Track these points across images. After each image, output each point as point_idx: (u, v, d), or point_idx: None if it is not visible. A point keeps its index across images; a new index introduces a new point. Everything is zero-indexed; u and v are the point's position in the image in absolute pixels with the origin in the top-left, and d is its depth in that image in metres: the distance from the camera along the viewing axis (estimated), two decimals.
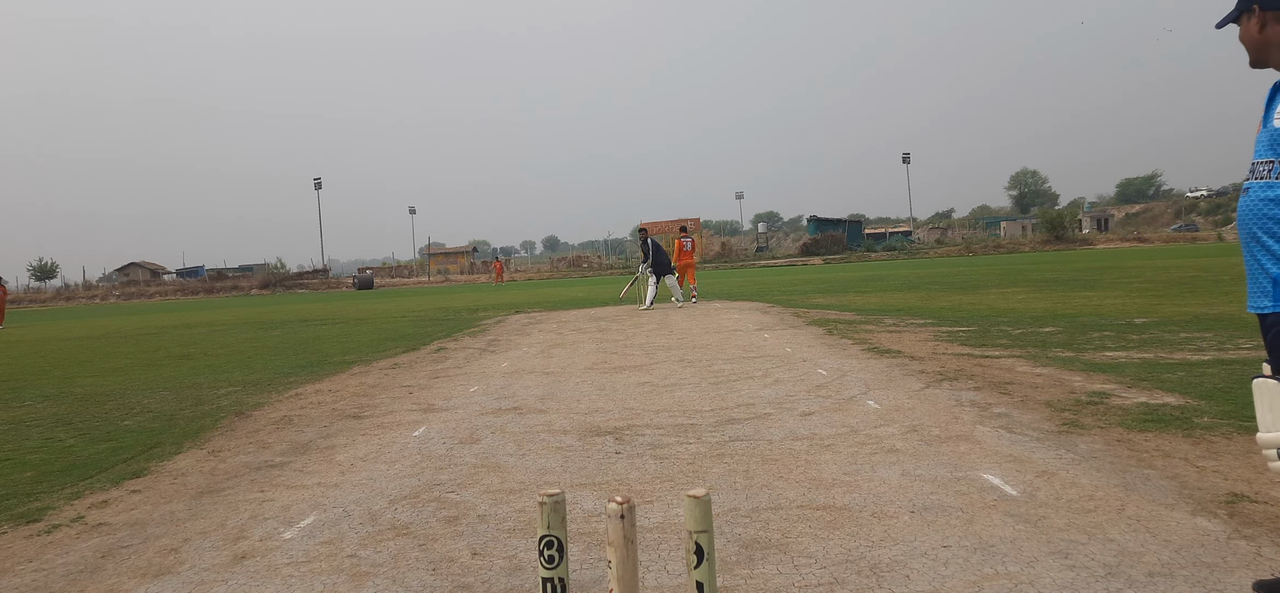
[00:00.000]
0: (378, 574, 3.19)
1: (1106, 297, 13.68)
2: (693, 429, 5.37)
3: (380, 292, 49.19)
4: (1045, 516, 3.43)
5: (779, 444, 4.85)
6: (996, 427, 4.99)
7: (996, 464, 4.20)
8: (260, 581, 3.19)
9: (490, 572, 3.17)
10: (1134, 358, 7.01)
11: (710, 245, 69.18)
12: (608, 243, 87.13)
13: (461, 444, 5.32)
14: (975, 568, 2.95)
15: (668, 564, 3.14)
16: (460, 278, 66.52)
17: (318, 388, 8.22)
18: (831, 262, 52.20)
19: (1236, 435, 4.47)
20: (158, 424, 6.64)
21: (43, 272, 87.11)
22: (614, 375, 7.95)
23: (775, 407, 5.95)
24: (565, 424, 5.76)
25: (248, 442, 5.81)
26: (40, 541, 3.84)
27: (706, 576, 2.16)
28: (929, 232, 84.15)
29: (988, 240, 65.33)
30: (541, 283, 46.57)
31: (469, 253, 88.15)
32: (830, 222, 71.19)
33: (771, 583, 2.93)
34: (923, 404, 5.76)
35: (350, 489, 4.39)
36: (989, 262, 37.08)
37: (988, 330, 9.99)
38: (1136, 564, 2.90)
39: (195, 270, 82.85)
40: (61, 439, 6.23)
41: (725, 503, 3.80)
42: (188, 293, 63.96)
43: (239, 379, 9.26)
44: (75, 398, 8.45)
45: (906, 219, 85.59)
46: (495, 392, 7.34)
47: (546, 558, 2.25)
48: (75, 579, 3.32)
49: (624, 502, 2.18)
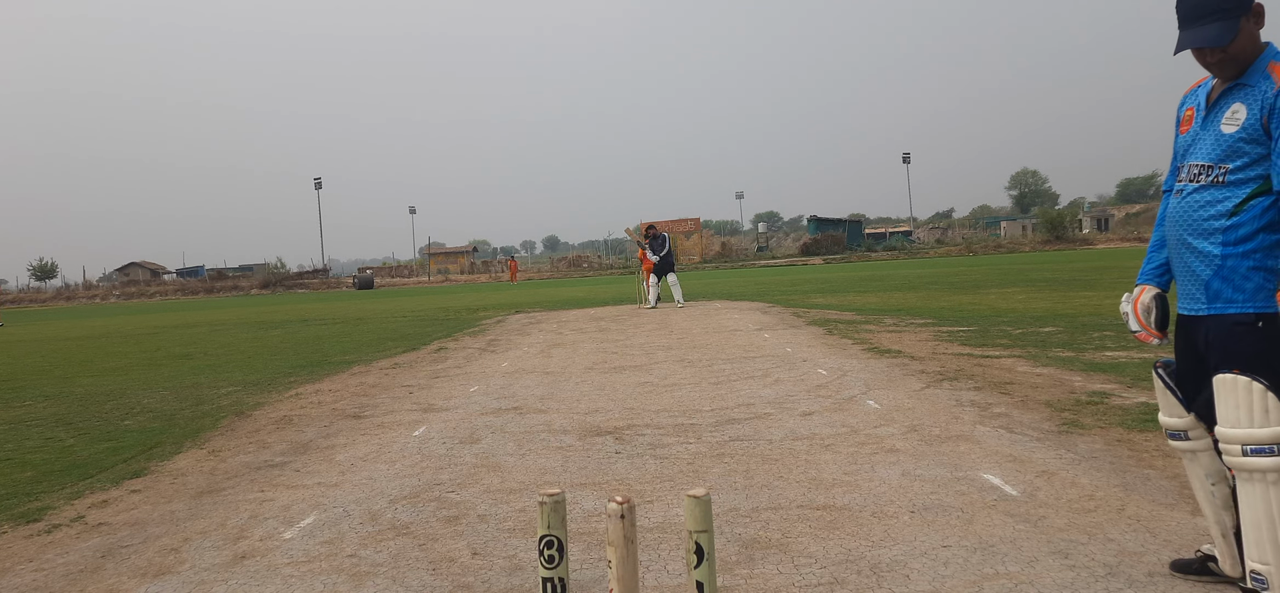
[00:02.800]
0: (378, 574, 3.20)
1: (1106, 297, 13.68)
2: (693, 429, 5.37)
3: (380, 291, 49.18)
4: (1045, 516, 3.43)
5: (779, 444, 4.85)
6: (996, 427, 4.99)
7: (996, 464, 4.20)
8: (260, 581, 3.19)
9: (490, 572, 3.17)
10: (1134, 358, 7.00)
11: (710, 245, 69.16)
12: (608, 243, 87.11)
13: (461, 444, 5.32)
14: (975, 568, 2.95)
15: (668, 564, 3.14)
16: (460, 278, 66.48)
17: (318, 388, 8.22)
18: (831, 262, 52.18)
19: None
20: (158, 424, 6.64)
21: (43, 271, 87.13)
22: (614, 375, 7.95)
23: (775, 407, 5.95)
24: (565, 424, 5.76)
25: (248, 442, 5.81)
26: (40, 541, 3.84)
27: (706, 576, 2.16)
28: (929, 231, 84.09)
29: (988, 240, 65.29)
30: (542, 283, 46.56)
31: (469, 253, 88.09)
32: (830, 221, 71.13)
33: (771, 583, 2.93)
34: (923, 404, 5.76)
35: (350, 489, 4.39)
36: (989, 261, 37.08)
37: (988, 330, 9.99)
38: (1136, 564, 2.90)
39: (195, 270, 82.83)
40: (61, 439, 6.23)
41: (725, 503, 3.80)
42: (188, 293, 63.93)
43: (239, 379, 9.26)
44: (75, 398, 8.45)
45: (906, 219, 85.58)
46: (495, 392, 7.34)
47: (546, 558, 2.25)
48: (75, 579, 3.32)
49: (624, 502, 2.18)
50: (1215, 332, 2.53)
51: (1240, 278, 2.47)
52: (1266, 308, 2.45)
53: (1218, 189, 2.50)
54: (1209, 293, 2.54)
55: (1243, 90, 2.48)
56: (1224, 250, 2.49)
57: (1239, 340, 2.48)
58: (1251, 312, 2.47)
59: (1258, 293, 2.46)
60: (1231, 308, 2.49)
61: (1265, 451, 2.40)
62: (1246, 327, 2.47)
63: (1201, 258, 2.54)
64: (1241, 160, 2.46)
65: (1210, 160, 2.52)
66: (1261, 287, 2.45)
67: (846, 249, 61.92)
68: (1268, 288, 2.45)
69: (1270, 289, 2.45)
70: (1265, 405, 2.40)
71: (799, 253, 63.24)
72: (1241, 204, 2.46)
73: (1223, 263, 2.50)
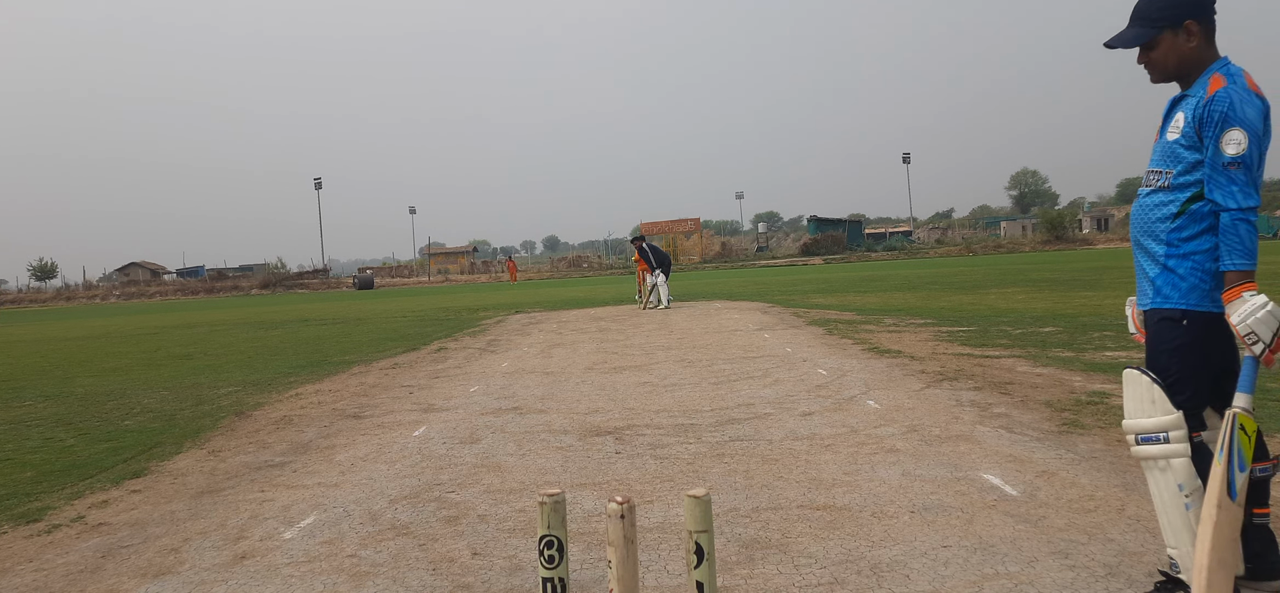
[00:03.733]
0: (378, 574, 3.20)
1: (1106, 297, 13.67)
2: (693, 429, 5.37)
3: (380, 292, 49.17)
4: (1045, 516, 3.43)
5: (779, 444, 4.85)
6: (996, 427, 4.99)
7: (996, 464, 4.20)
8: (260, 581, 3.20)
9: (490, 572, 3.17)
10: (1134, 358, 6.97)
11: (710, 245, 69.16)
12: (608, 243, 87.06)
13: (462, 444, 5.32)
14: (975, 568, 2.95)
15: (668, 564, 3.14)
16: (460, 278, 66.47)
17: (318, 388, 8.22)
18: (831, 262, 52.17)
19: None
20: (158, 424, 6.64)
21: (43, 272, 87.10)
22: (614, 375, 7.95)
23: (775, 407, 5.95)
24: (565, 424, 5.76)
25: (248, 442, 5.81)
26: (40, 541, 3.84)
27: (706, 576, 2.16)
28: (929, 231, 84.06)
29: (988, 240, 65.28)
30: (542, 283, 46.55)
31: (469, 253, 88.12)
32: (830, 222, 71.12)
33: (771, 583, 2.93)
34: (923, 404, 5.76)
35: (350, 489, 4.39)
36: (989, 262, 37.07)
37: (988, 330, 9.99)
38: (1136, 564, 2.91)
39: (195, 270, 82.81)
40: (61, 439, 6.23)
41: (725, 503, 3.80)
42: (188, 293, 63.91)
43: (239, 379, 9.26)
44: (75, 398, 8.45)
45: (906, 219, 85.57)
46: (495, 392, 7.34)
47: (546, 558, 2.25)
48: (75, 579, 3.32)
49: (624, 502, 2.18)
50: (1149, 326, 2.70)
51: (1179, 278, 2.58)
52: (1198, 307, 2.55)
53: (1164, 193, 2.63)
54: (1154, 290, 2.66)
55: (1187, 100, 2.62)
56: (1167, 251, 2.61)
57: (1161, 336, 2.63)
58: (1180, 308, 2.58)
59: (1191, 292, 2.56)
60: (1166, 305, 2.61)
61: (1151, 439, 2.56)
62: (1171, 323, 2.60)
63: (1150, 258, 2.67)
64: (1181, 166, 2.59)
65: (1158, 166, 2.67)
66: (1196, 287, 2.55)
67: (846, 249, 61.90)
68: (1202, 289, 2.55)
69: (1204, 290, 2.54)
70: (1152, 397, 2.56)
71: (799, 253, 63.23)
72: (1182, 208, 2.58)
73: (1166, 263, 2.61)
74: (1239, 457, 2.40)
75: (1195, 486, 2.49)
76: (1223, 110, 2.46)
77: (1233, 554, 2.39)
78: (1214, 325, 2.52)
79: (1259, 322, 2.37)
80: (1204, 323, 2.54)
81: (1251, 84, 2.50)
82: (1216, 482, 2.41)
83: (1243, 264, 2.43)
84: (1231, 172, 2.44)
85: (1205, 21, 2.59)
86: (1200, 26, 2.58)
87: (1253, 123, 2.44)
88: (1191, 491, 2.49)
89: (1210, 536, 2.38)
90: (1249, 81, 2.51)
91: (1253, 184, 2.44)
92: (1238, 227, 2.43)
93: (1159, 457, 2.55)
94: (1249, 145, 2.43)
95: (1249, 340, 2.39)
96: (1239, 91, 2.47)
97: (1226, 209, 2.45)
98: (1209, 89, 2.52)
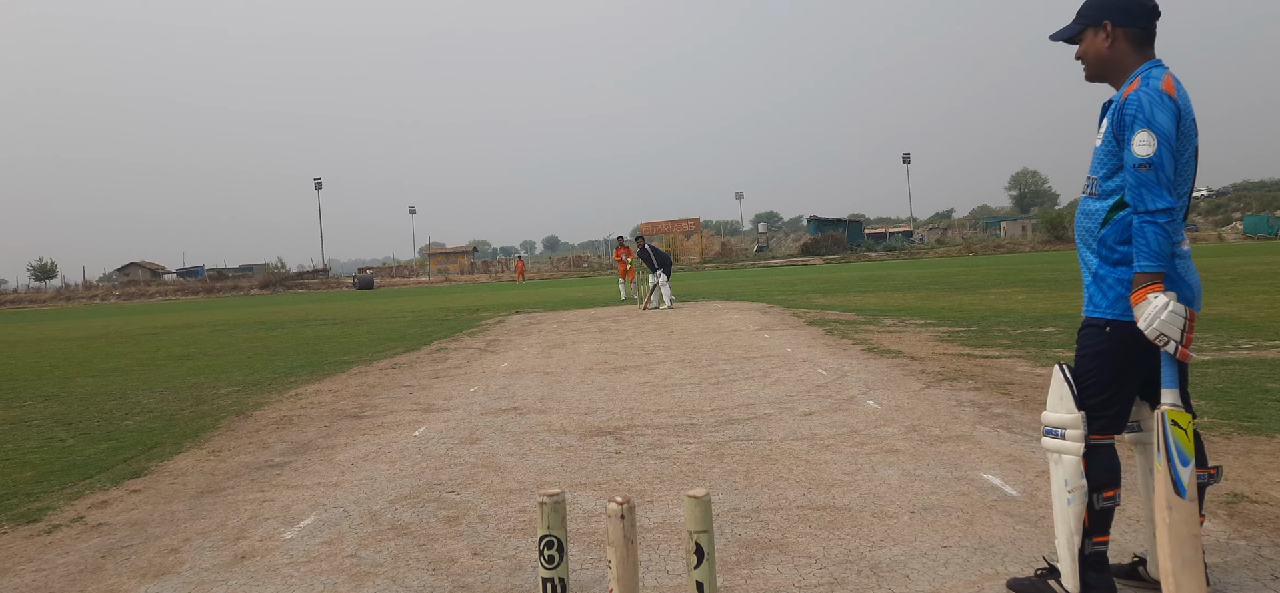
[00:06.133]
0: (378, 574, 3.20)
1: None
2: (693, 429, 5.37)
3: (380, 292, 49.17)
4: (1045, 516, 3.43)
5: (779, 444, 4.85)
6: (996, 427, 5.00)
7: (996, 464, 4.20)
8: (260, 581, 3.19)
9: (490, 572, 3.17)
10: None
11: (710, 245, 69.13)
12: (608, 243, 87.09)
13: (461, 444, 5.32)
14: (975, 568, 2.95)
15: (668, 564, 3.14)
16: (460, 278, 66.44)
17: (318, 388, 8.22)
18: (831, 262, 52.17)
19: (1236, 436, 4.47)
20: (158, 424, 6.64)
21: (43, 272, 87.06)
22: (614, 376, 7.95)
23: (775, 407, 5.95)
24: (565, 424, 5.76)
25: (248, 442, 5.81)
26: (40, 541, 3.84)
27: (706, 576, 2.16)
28: (929, 232, 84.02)
29: (988, 240, 65.25)
30: (542, 283, 46.55)
31: (469, 253, 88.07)
32: (830, 222, 71.10)
33: (771, 583, 2.93)
34: (923, 404, 5.76)
35: (350, 489, 4.39)
36: (989, 262, 37.07)
37: (988, 330, 10.00)
38: None
39: (195, 270, 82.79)
40: (61, 439, 6.23)
41: (725, 503, 3.80)
42: (188, 293, 63.89)
43: (239, 379, 9.26)
44: (75, 398, 8.45)
45: (907, 219, 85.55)
46: (495, 392, 7.34)
47: (546, 558, 2.25)
48: (75, 579, 3.32)
49: (624, 502, 2.18)
50: (1080, 331, 2.74)
51: (1107, 287, 2.61)
52: (1123, 316, 2.55)
53: (1094, 200, 2.65)
54: (1087, 297, 2.70)
55: (1111, 103, 2.62)
56: (1099, 261, 2.64)
57: (1085, 341, 2.68)
58: (1104, 317, 2.61)
59: (1117, 302, 2.58)
60: (1095, 313, 2.65)
61: (1051, 433, 2.66)
62: (1095, 329, 2.64)
63: (1085, 266, 2.71)
64: (1104, 170, 2.61)
65: (1091, 172, 2.69)
66: (1120, 297, 2.57)
67: (846, 249, 61.89)
68: (1126, 298, 2.55)
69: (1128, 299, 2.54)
70: (1062, 394, 2.63)
71: (799, 253, 63.20)
72: (1108, 216, 2.59)
73: (1098, 272, 2.64)
74: (1179, 452, 2.42)
75: (1079, 484, 2.56)
76: (1132, 113, 2.46)
77: (1195, 551, 2.38)
78: (1138, 333, 2.51)
79: (1165, 322, 2.40)
80: (1127, 331, 2.54)
81: (1167, 86, 2.47)
82: (1161, 482, 2.42)
83: (1149, 266, 2.43)
84: (1140, 173, 2.43)
85: (1128, 25, 2.58)
86: (1119, 28, 2.58)
87: (1162, 125, 2.42)
88: (1074, 488, 2.57)
89: (1166, 537, 2.38)
90: (1166, 84, 2.48)
91: (1163, 186, 2.41)
92: (1145, 229, 2.43)
93: (1053, 450, 2.64)
94: (1158, 147, 2.41)
95: (1160, 341, 2.42)
96: (1150, 94, 2.45)
97: (1135, 211, 2.45)
98: (1124, 92, 2.53)
